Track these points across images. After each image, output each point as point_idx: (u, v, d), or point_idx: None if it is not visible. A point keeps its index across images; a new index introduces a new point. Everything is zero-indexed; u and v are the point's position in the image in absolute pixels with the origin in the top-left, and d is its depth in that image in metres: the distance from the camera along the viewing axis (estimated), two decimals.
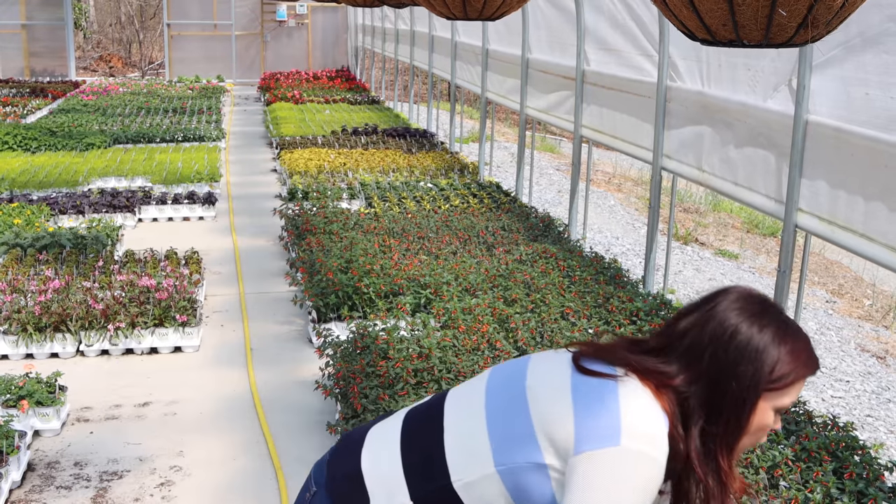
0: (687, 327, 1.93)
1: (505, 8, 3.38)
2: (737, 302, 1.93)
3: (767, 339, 1.89)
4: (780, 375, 1.88)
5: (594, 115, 8.35)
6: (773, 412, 1.92)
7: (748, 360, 1.87)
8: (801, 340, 1.93)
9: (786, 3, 1.57)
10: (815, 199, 5.23)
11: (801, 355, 1.91)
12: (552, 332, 5.64)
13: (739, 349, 1.88)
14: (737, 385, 1.87)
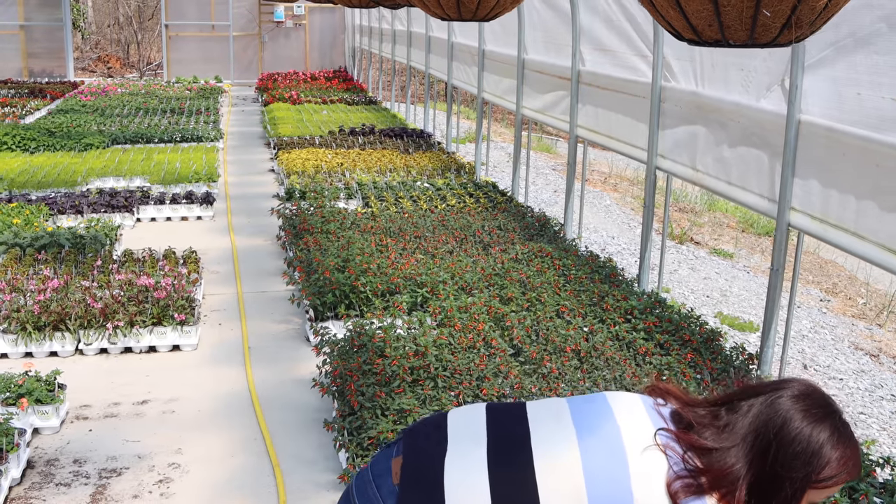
0: (754, 419, 2.11)
1: (499, 9, 3.43)
2: (802, 401, 2.11)
3: (824, 442, 2.06)
4: (826, 476, 2.05)
5: (589, 116, 8.40)
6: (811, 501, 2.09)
7: (804, 461, 2.05)
8: (853, 448, 2.10)
9: (769, 4, 1.62)
10: (807, 198, 5.28)
11: (849, 462, 2.08)
12: (547, 331, 5.69)
13: (798, 451, 2.05)
14: (789, 483, 2.05)
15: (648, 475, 2.08)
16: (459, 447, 2.22)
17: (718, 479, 2.06)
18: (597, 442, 2.14)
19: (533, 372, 5.22)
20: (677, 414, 2.19)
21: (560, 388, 4.94)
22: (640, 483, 2.07)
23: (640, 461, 2.10)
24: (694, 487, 2.06)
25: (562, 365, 5.23)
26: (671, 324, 5.85)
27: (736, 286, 9.56)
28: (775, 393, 2.12)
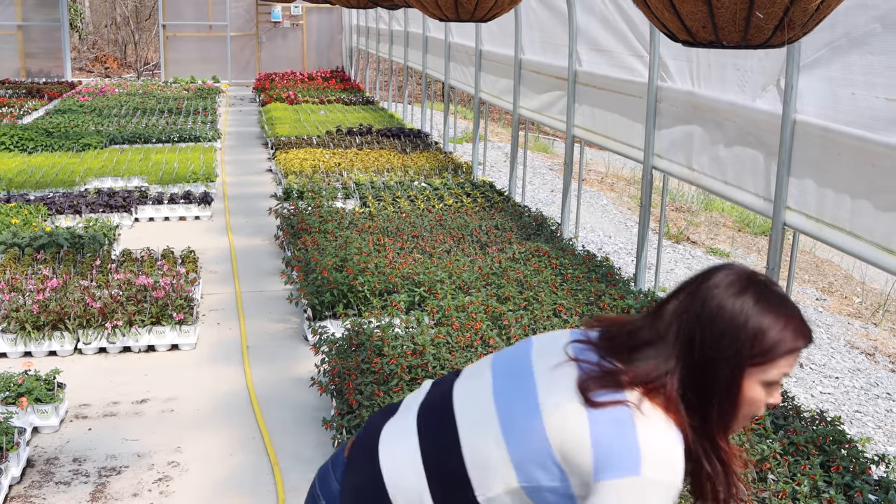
0: (675, 310, 1.93)
1: (496, 10, 3.45)
2: (724, 278, 1.92)
3: (749, 312, 1.87)
4: (764, 349, 1.86)
5: (586, 115, 8.43)
6: (762, 386, 1.89)
7: (732, 337, 1.86)
8: (786, 312, 1.89)
9: (762, 6, 1.64)
10: (802, 197, 5.31)
11: (787, 328, 1.87)
12: (544, 329, 5.72)
13: (723, 328, 1.86)
14: (724, 364, 1.86)
15: (557, 403, 1.93)
16: (398, 416, 2.21)
17: (641, 375, 1.90)
18: (509, 382, 2.05)
19: None
20: (606, 333, 2.04)
21: None
22: (551, 414, 1.93)
23: (548, 383, 1.98)
24: (609, 380, 1.91)
25: None
26: None
27: None
28: (695, 283, 1.95)
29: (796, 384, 7.02)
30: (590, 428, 1.87)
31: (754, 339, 1.85)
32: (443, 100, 20.47)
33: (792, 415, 4.77)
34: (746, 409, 1.91)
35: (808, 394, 6.89)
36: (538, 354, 2.08)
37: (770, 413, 4.67)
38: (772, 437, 4.42)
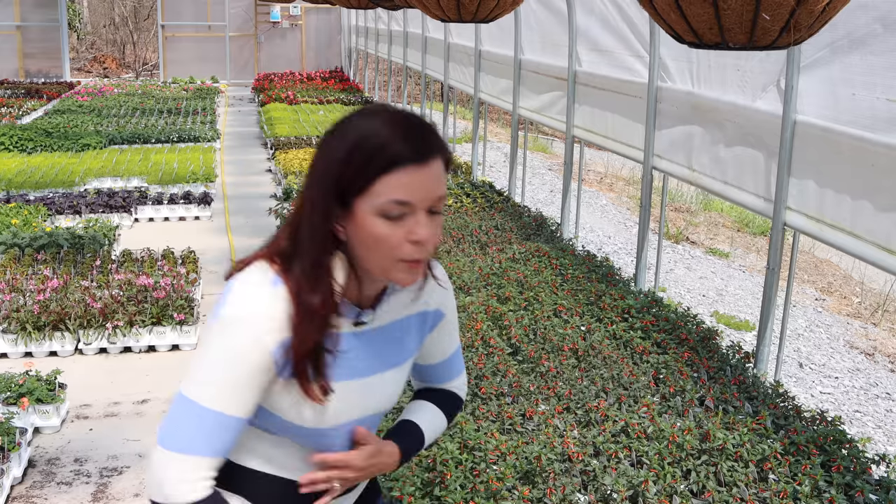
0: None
1: (498, 10, 3.46)
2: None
3: (346, 128, 1.73)
4: (356, 166, 1.69)
5: (586, 116, 8.44)
6: (381, 219, 1.70)
7: (321, 162, 1.75)
8: (396, 125, 1.70)
9: (769, 8, 1.65)
10: (803, 197, 5.32)
11: (387, 137, 1.68)
12: (545, 330, 5.72)
13: (318, 155, 1.77)
14: (312, 196, 1.75)
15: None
16: None
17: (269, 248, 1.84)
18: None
19: (531, 371, 5.26)
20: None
21: (558, 386, 4.98)
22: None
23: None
24: (240, 265, 1.86)
25: (560, 364, 5.27)
26: (668, 323, 5.89)
27: (732, 285, 9.61)
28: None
29: (796, 384, 7.03)
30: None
31: (345, 158, 1.70)
32: (442, 100, 20.46)
33: (792, 415, 4.78)
34: (374, 250, 1.73)
35: (808, 394, 6.90)
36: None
37: (771, 413, 4.68)
38: (772, 436, 4.42)
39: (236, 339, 1.74)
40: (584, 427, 4.64)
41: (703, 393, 4.93)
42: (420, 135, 1.71)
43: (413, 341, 2.04)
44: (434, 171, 1.72)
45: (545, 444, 4.33)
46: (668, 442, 4.31)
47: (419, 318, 2.04)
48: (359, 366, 1.91)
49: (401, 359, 2.01)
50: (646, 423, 4.48)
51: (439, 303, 2.07)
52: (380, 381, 1.96)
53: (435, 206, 1.73)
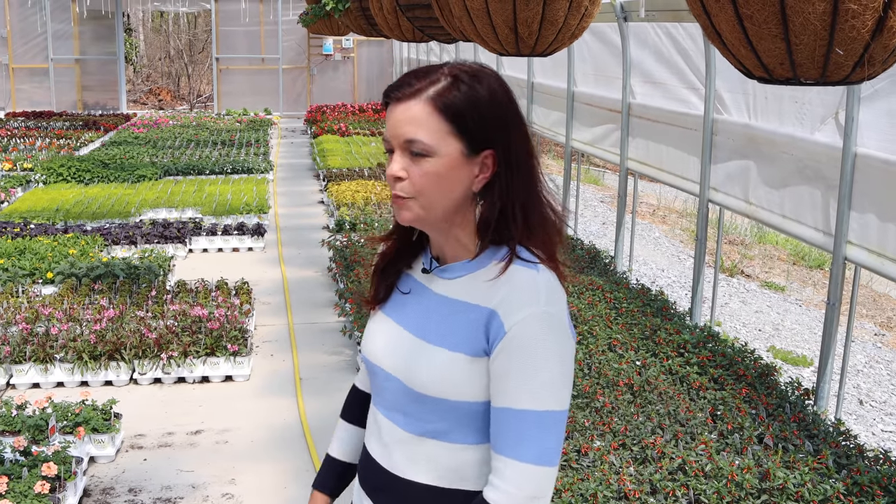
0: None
1: (556, 44, 3.45)
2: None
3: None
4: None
5: (640, 148, 8.39)
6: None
7: None
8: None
9: (842, 43, 1.62)
10: (864, 231, 5.22)
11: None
12: (600, 364, 5.66)
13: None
14: None
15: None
16: None
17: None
18: None
19: (586, 406, 5.20)
20: None
21: (614, 422, 4.92)
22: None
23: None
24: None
25: (615, 399, 5.20)
26: (725, 358, 5.80)
27: (788, 320, 9.46)
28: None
29: (857, 421, 6.89)
30: None
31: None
32: None
33: (855, 454, 4.67)
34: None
35: (869, 431, 6.76)
36: None
37: (832, 452, 4.58)
38: (835, 476, 4.33)
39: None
40: (641, 464, 4.57)
41: (761, 430, 4.84)
42: (402, 78, 1.87)
43: (471, 338, 1.86)
44: (403, 111, 1.83)
45: (601, 480, 4.27)
46: (726, 480, 4.22)
47: (488, 315, 1.84)
48: (403, 311, 1.98)
49: (443, 341, 1.88)
50: (703, 461, 4.41)
51: (505, 310, 1.82)
52: (410, 342, 1.93)
53: (408, 146, 1.82)
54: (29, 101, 24.19)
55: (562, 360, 1.78)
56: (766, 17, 1.65)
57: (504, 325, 1.79)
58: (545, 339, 1.76)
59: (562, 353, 1.78)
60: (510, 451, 1.75)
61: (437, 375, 1.86)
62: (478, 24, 3.38)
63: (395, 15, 5.73)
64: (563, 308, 1.80)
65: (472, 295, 1.87)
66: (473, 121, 1.81)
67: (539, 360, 1.75)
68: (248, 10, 24.37)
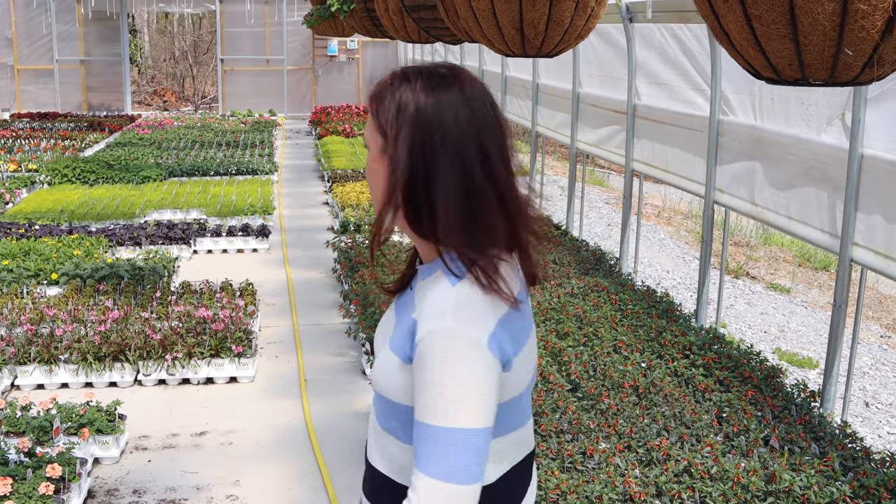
0: None
1: (563, 45, 3.44)
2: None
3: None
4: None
5: (645, 149, 8.37)
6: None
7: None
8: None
9: (851, 43, 1.61)
10: (870, 233, 5.21)
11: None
12: (605, 366, 5.65)
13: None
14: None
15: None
16: None
17: None
18: None
19: (591, 408, 5.19)
20: None
21: (619, 424, 4.90)
22: None
23: None
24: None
25: (620, 401, 5.19)
26: (730, 360, 5.78)
27: (794, 321, 9.44)
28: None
29: (862, 424, 6.87)
30: None
31: None
32: None
33: (861, 456, 4.65)
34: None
35: (875, 434, 6.74)
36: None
37: (839, 454, 4.56)
38: (841, 479, 4.31)
39: None
40: (646, 466, 4.56)
41: (767, 433, 4.82)
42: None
43: (403, 343, 1.85)
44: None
45: (606, 483, 4.26)
46: (732, 483, 4.21)
47: (412, 324, 1.85)
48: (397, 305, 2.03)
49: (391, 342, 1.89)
50: (709, 463, 4.39)
51: (420, 321, 1.82)
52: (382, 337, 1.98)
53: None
54: (34, 103, 24.21)
55: (471, 378, 1.72)
56: (775, 17, 1.63)
57: (417, 335, 1.79)
58: (447, 355, 1.72)
59: (471, 372, 1.72)
60: (420, 465, 1.72)
61: (381, 374, 1.89)
62: (484, 25, 3.37)
63: (400, 16, 5.73)
64: (476, 324, 1.75)
65: (414, 301, 1.90)
66: (385, 117, 1.86)
67: (445, 376, 1.71)
68: (252, 12, 24.38)
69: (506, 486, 1.96)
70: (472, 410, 1.71)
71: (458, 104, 1.83)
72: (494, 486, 1.92)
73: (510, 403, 1.88)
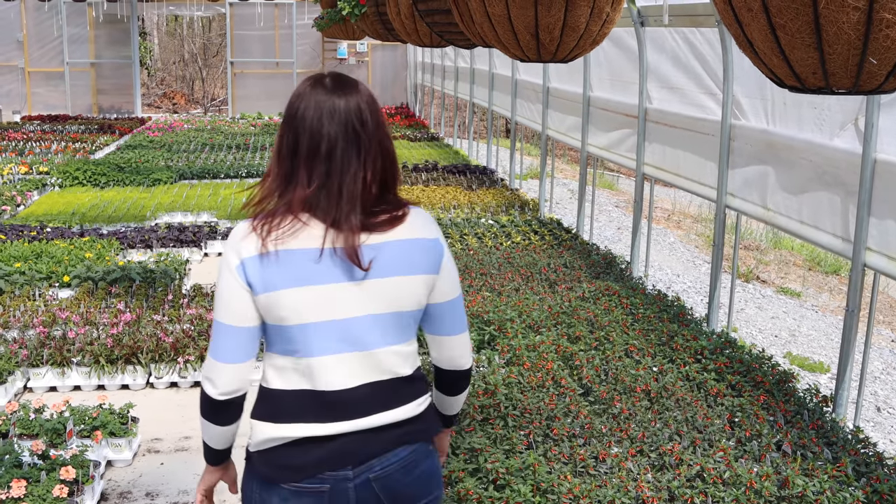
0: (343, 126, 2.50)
1: (578, 51, 3.44)
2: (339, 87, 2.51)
3: (369, 98, 2.51)
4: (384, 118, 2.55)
5: (656, 153, 8.37)
6: None
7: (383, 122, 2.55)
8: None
9: (876, 52, 1.61)
10: (884, 237, 5.20)
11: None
12: (617, 370, 5.65)
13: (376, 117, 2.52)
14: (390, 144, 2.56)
15: None
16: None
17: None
18: None
19: (603, 412, 5.19)
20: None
21: (631, 428, 4.90)
22: None
23: None
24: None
25: (632, 405, 5.19)
26: (742, 364, 5.78)
27: (805, 326, 9.43)
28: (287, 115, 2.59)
29: (874, 428, 6.86)
30: None
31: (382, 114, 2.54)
32: (506, 136, 20.46)
33: (874, 462, 4.64)
34: None
35: (887, 439, 6.72)
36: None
37: (851, 459, 4.55)
38: (854, 484, 4.31)
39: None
40: (658, 471, 4.56)
41: (780, 437, 4.82)
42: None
43: None
44: None
45: (619, 487, 4.26)
46: (745, 488, 4.21)
47: None
48: None
49: None
50: (722, 468, 4.39)
51: None
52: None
53: None
54: (44, 105, 24.29)
55: (221, 287, 2.47)
56: (800, 26, 1.64)
57: None
58: (219, 267, 2.51)
59: (220, 281, 2.47)
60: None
61: None
62: (499, 30, 3.38)
63: (412, 20, 5.73)
64: (229, 249, 2.48)
65: None
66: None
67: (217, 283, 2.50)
68: (262, 15, 24.42)
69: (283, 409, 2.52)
70: (219, 309, 2.48)
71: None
72: (275, 394, 2.54)
73: (278, 329, 2.47)
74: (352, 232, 2.39)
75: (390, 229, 2.45)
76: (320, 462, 2.45)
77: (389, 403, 2.50)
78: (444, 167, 15.05)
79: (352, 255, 2.38)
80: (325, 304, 2.41)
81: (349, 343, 2.44)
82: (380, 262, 2.42)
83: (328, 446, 2.45)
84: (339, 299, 2.41)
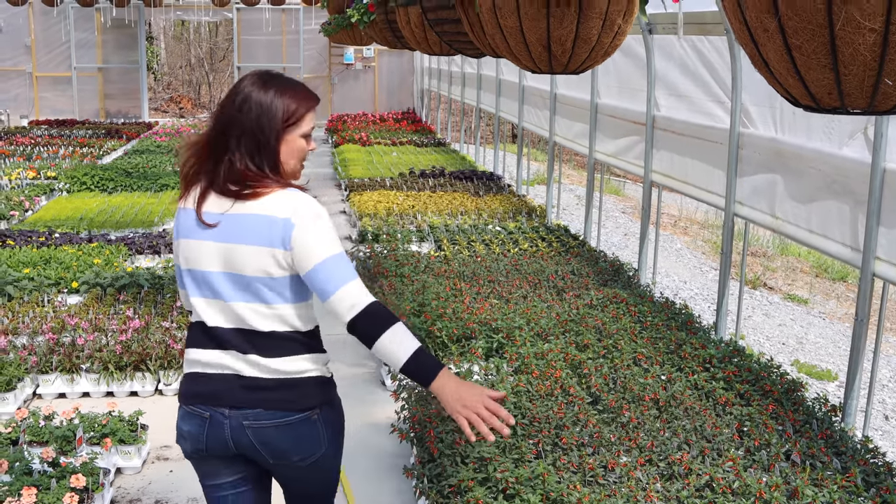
0: (224, 111, 2.99)
1: (590, 62, 3.45)
2: (250, 80, 2.98)
3: (272, 96, 2.92)
4: (289, 115, 2.93)
5: (664, 161, 8.38)
6: (301, 139, 3.00)
7: (265, 114, 2.91)
8: (296, 87, 3.00)
9: (891, 73, 1.62)
10: (893, 247, 5.20)
11: (299, 97, 2.97)
12: (625, 379, 5.65)
13: (257, 109, 2.91)
14: (264, 133, 2.91)
15: None
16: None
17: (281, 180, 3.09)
18: None
19: (612, 421, 5.19)
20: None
21: (640, 437, 4.90)
22: None
23: None
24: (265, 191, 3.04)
25: (641, 414, 5.19)
26: (751, 373, 5.78)
27: (812, 333, 9.42)
28: (234, 89, 3.01)
29: (882, 437, 6.85)
30: None
31: (283, 111, 2.93)
32: (513, 141, 20.46)
33: (884, 472, 4.64)
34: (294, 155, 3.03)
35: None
36: None
37: (861, 469, 4.55)
38: (864, 495, 4.31)
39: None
40: (667, 480, 4.56)
41: (789, 447, 4.82)
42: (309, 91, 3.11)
43: None
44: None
45: (628, 497, 4.26)
46: (754, 498, 4.21)
47: None
48: None
49: None
50: (731, 478, 4.39)
51: None
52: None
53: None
54: (52, 110, 24.36)
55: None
56: (816, 47, 1.65)
57: None
58: None
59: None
60: None
61: None
62: (511, 41, 3.39)
63: (422, 29, 5.74)
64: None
65: None
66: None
67: None
68: (270, 20, 24.46)
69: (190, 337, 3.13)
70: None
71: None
72: (191, 326, 3.12)
73: (181, 271, 3.08)
74: (202, 198, 2.97)
75: (246, 202, 2.93)
76: (199, 395, 3.04)
77: (260, 350, 2.97)
78: (451, 173, 15.06)
79: (199, 216, 2.95)
80: (192, 256, 3.00)
81: (211, 292, 2.98)
82: (224, 228, 2.92)
83: (208, 385, 3.02)
84: (203, 253, 2.96)
